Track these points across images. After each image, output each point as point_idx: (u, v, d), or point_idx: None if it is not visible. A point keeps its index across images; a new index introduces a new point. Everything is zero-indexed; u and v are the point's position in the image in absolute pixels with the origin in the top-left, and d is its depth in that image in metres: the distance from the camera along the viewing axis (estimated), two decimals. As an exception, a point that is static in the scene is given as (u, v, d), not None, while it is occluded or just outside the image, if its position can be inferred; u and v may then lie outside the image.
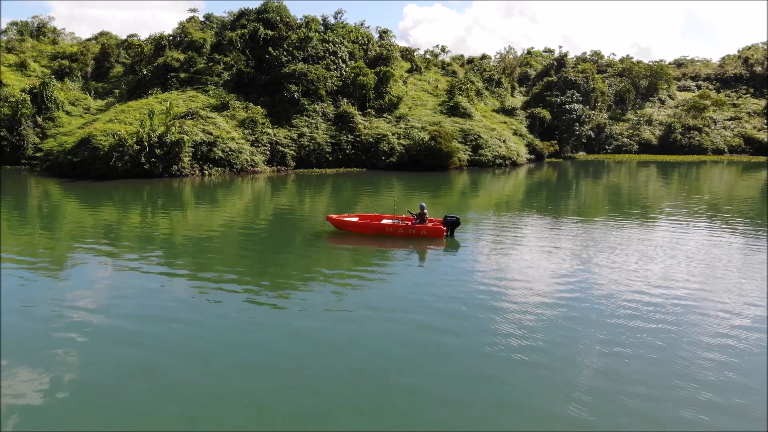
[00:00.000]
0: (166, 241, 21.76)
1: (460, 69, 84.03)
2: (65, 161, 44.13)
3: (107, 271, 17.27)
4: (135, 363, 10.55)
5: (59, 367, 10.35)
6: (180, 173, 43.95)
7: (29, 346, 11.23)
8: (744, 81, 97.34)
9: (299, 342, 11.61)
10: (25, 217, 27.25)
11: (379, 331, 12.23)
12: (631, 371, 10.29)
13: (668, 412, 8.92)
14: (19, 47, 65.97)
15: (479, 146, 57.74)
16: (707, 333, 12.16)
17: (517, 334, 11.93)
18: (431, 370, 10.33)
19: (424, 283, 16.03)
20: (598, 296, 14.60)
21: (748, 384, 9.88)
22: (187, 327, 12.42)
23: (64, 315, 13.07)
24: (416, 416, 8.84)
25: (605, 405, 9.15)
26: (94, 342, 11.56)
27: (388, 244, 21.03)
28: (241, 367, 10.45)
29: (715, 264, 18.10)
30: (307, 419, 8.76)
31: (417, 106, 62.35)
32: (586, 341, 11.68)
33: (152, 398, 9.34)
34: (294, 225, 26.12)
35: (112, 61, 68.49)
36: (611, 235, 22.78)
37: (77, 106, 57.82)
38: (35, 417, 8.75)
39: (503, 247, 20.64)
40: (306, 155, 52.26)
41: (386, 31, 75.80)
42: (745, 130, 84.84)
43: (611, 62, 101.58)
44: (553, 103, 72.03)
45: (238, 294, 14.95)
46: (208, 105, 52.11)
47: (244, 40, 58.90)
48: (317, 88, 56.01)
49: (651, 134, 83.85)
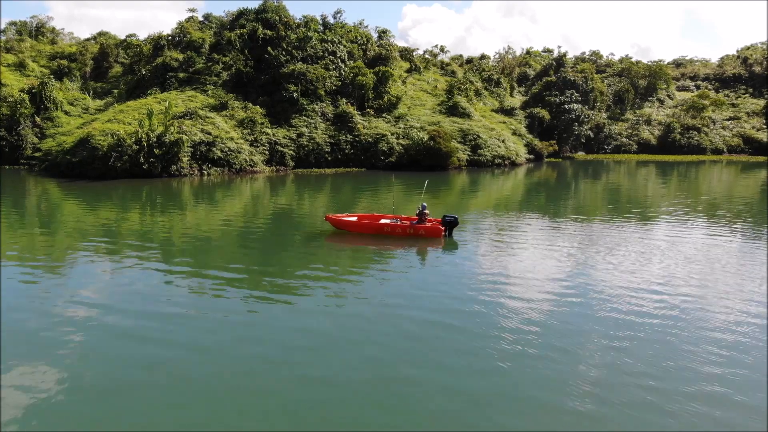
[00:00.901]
0: (165, 241, 21.73)
1: (459, 69, 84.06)
2: (64, 161, 44.10)
3: (106, 270, 17.24)
4: (135, 362, 10.53)
5: (59, 367, 10.33)
6: (179, 173, 43.92)
7: (29, 346, 11.21)
8: (743, 81, 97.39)
9: (299, 340, 11.59)
10: (24, 217, 27.21)
11: (378, 330, 12.22)
12: (632, 369, 10.29)
13: (668, 411, 8.91)
14: (17, 47, 65.91)
15: (478, 146, 57.75)
16: (707, 331, 12.16)
17: (517, 332, 11.92)
18: (432, 367, 10.32)
19: (424, 282, 16.03)
20: (598, 295, 14.59)
21: (749, 382, 9.88)
22: (187, 326, 12.41)
23: (63, 314, 13.05)
24: (418, 412, 8.82)
25: (606, 402, 9.14)
26: (94, 341, 11.54)
27: (387, 243, 21.01)
28: (241, 365, 10.44)
29: (715, 264, 18.09)
30: (308, 416, 8.74)
31: (416, 105, 62.34)
32: (587, 339, 11.68)
33: (152, 397, 9.32)
34: (293, 225, 26.10)
35: (111, 61, 68.43)
36: (610, 235, 22.78)
37: (76, 106, 57.78)
38: (35, 417, 8.73)
39: (502, 247, 20.63)
40: (305, 155, 52.24)
41: (385, 31, 75.81)
42: (744, 129, 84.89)
43: (610, 62, 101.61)
44: (552, 103, 72.04)
45: (238, 293, 14.93)
46: (207, 105, 52.09)
47: (243, 40, 58.89)
48: (316, 88, 55.99)
49: (650, 134, 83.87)
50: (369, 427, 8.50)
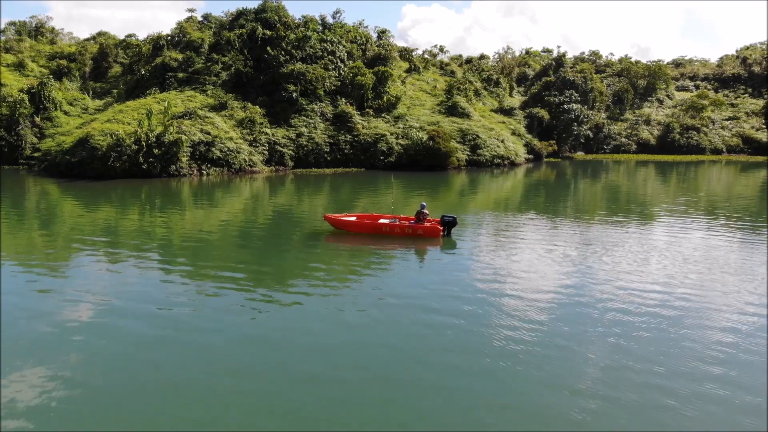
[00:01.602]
0: (164, 241, 21.73)
1: (458, 69, 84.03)
2: (63, 161, 44.05)
3: (106, 270, 17.23)
4: (135, 362, 10.53)
5: (59, 367, 10.32)
6: (178, 173, 43.91)
7: (29, 346, 11.20)
8: (742, 81, 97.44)
9: (299, 340, 11.59)
10: (23, 216, 27.20)
11: (378, 330, 12.22)
12: (631, 369, 10.29)
13: (668, 410, 8.91)
14: (17, 47, 65.89)
15: (478, 146, 57.74)
16: (707, 331, 12.17)
17: (517, 332, 11.92)
18: (432, 367, 10.31)
19: (423, 282, 16.03)
20: (596, 295, 14.60)
21: (749, 382, 9.88)
22: (187, 326, 12.40)
23: (62, 314, 13.05)
24: (419, 411, 8.82)
25: (606, 402, 9.15)
26: (93, 341, 11.53)
27: (386, 244, 21.01)
28: (241, 365, 10.44)
29: (714, 263, 18.09)
30: (308, 416, 8.74)
31: (415, 105, 62.33)
32: (586, 339, 11.69)
33: (153, 397, 9.32)
34: (292, 225, 26.09)
35: (110, 61, 68.39)
36: (609, 235, 22.78)
37: (75, 106, 57.72)
38: (35, 417, 8.72)
39: (501, 247, 20.64)
40: (304, 155, 52.22)
41: (384, 31, 75.82)
42: (743, 129, 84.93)
43: (609, 62, 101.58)
44: (552, 103, 72.03)
45: (237, 293, 14.93)
46: (206, 105, 52.05)
47: (242, 40, 58.86)
48: (315, 88, 55.97)
49: (649, 134, 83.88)
50: (369, 427, 8.50)
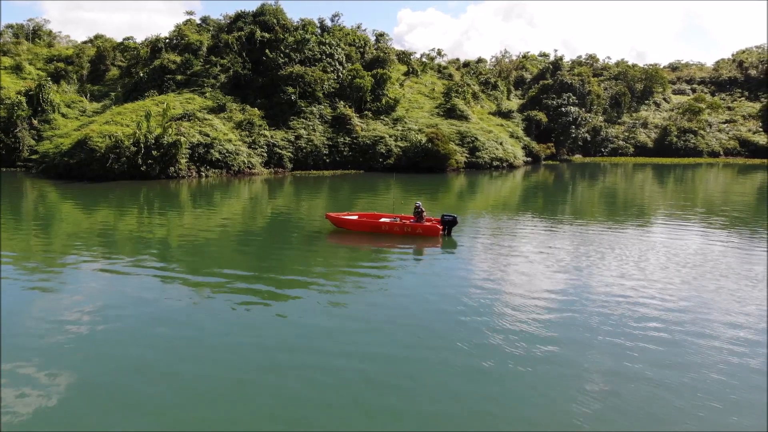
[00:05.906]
0: (163, 243, 21.66)
1: (456, 72, 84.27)
2: (61, 163, 43.98)
3: (105, 272, 17.14)
4: (134, 363, 10.47)
5: (58, 368, 10.25)
6: (177, 175, 43.85)
7: (28, 347, 11.13)
8: (739, 84, 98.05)
9: (298, 340, 11.55)
10: (21, 219, 27.08)
11: (378, 330, 12.16)
12: (630, 369, 10.28)
13: (667, 410, 8.90)
14: (14, 50, 65.87)
15: (476, 148, 57.87)
16: (706, 332, 12.16)
17: (516, 332, 11.89)
18: (431, 367, 10.28)
19: (423, 282, 16.00)
20: (595, 296, 14.59)
21: (749, 382, 9.87)
22: (187, 327, 12.34)
23: (62, 315, 12.97)
24: (419, 411, 8.78)
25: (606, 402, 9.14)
26: (92, 342, 11.47)
27: (386, 243, 20.96)
28: (241, 365, 10.38)
29: (713, 265, 18.12)
30: (308, 416, 8.69)
31: (414, 108, 62.47)
32: (586, 339, 11.66)
33: (152, 398, 9.26)
34: (291, 226, 26.05)
35: (107, 64, 68.41)
36: (607, 237, 22.80)
37: (73, 108, 57.68)
38: (35, 417, 8.66)
39: (499, 248, 20.62)
40: (303, 157, 52.24)
41: (383, 34, 76.07)
42: (740, 132, 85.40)
43: (607, 65, 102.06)
44: (549, 105, 72.30)
45: (237, 293, 14.88)
46: (204, 107, 52.04)
47: (240, 43, 58.92)
48: (314, 90, 56.04)
49: (646, 137, 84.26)
50: (369, 427, 8.45)
